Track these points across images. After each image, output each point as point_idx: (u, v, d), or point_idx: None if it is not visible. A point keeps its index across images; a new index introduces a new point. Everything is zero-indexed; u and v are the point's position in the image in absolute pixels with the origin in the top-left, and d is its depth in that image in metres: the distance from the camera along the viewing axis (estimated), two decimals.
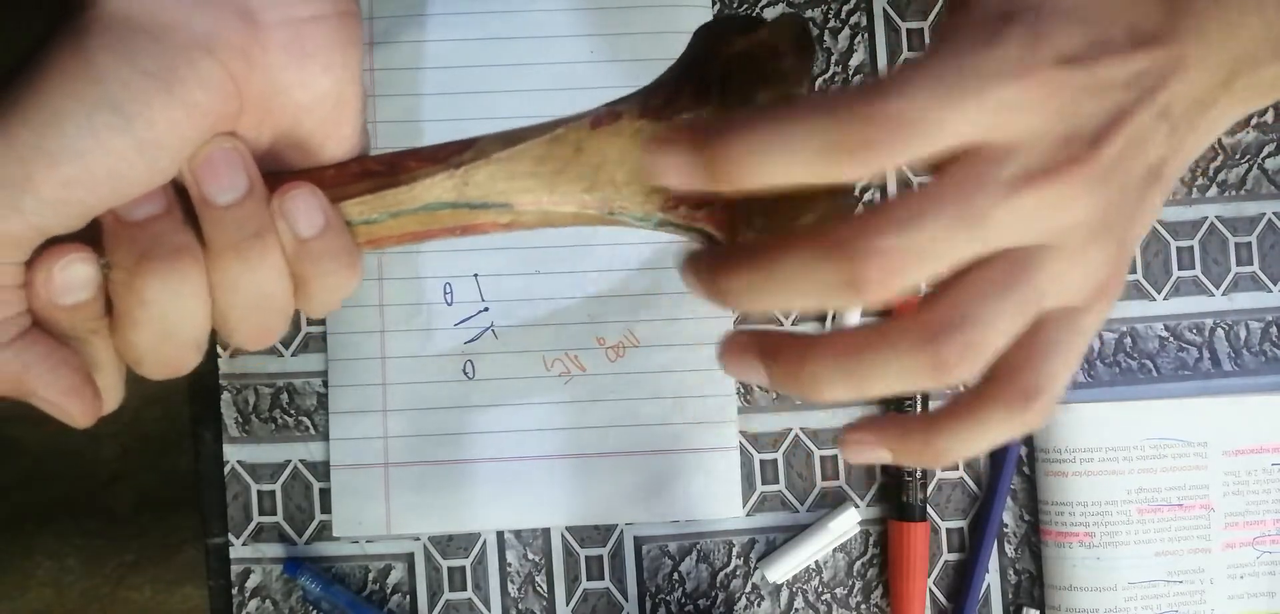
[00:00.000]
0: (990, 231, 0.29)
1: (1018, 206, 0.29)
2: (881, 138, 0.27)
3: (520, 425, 0.53)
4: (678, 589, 0.54)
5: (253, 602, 0.53)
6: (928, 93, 0.28)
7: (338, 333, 0.53)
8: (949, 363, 0.29)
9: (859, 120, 0.27)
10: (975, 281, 0.29)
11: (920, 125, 0.28)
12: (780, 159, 0.28)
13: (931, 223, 0.28)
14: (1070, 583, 0.52)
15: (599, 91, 0.53)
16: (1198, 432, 0.52)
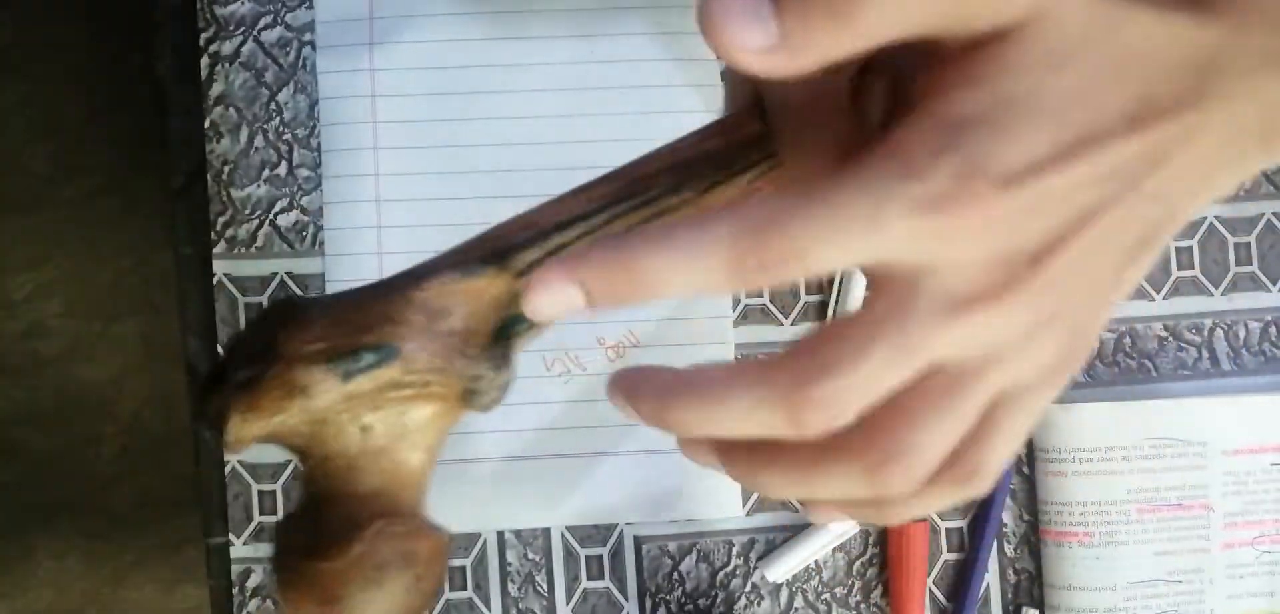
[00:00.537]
0: (925, 357, 0.29)
1: (952, 332, 0.28)
2: (774, 267, 0.28)
3: (520, 425, 0.53)
4: (678, 589, 0.54)
5: (253, 601, 0.53)
6: (824, 229, 0.27)
7: None
8: (890, 485, 0.30)
9: (752, 249, 0.27)
10: (914, 406, 0.29)
11: (814, 260, 0.27)
12: (683, 276, 0.28)
13: (867, 361, 0.28)
14: (1070, 583, 0.52)
15: (599, 91, 0.53)
16: (1197, 431, 0.52)
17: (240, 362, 0.31)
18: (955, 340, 0.28)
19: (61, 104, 1.30)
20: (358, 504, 0.31)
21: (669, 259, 0.28)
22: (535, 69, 0.53)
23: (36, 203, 1.29)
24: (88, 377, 1.28)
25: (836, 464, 0.30)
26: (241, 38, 0.53)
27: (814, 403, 0.28)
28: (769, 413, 0.29)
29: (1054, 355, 0.30)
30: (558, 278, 0.29)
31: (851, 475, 0.30)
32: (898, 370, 0.28)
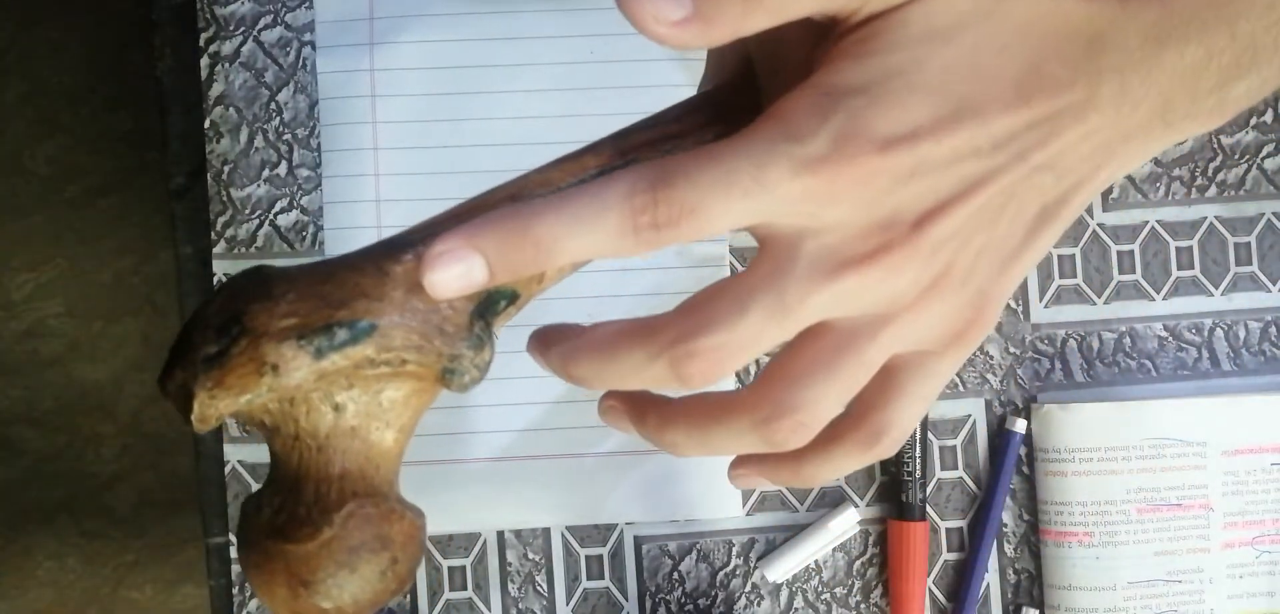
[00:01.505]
0: (805, 316, 0.29)
1: (830, 291, 0.29)
2: (666, 226, 0.29)
3: (520, 425, 0.53)
4: (677, 588, 0.54)
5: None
6: (713, 188, 0.28)
7: None
8: (782, 440, 0.31)
9: (644, 208, 0.29)
10: (802, 361, 0.30)
11: (703, 219, 0.29)
12: (580, 241, 0.29)
13: (745, 318, 0.29)
14: (1069, 582, 0.52)
15: (599, 92, 0.53)
16: (1197, 431, 0.52)
17: (206, 335, 0.29)
18: (834, 299, 0.29)
19: (61, 104, 1.30)
20: (329, 485, 0.30)
21: (566, 223, 0.29)
22: (535, 69, 0.53)
23: (36, 203, 1.29)
24: (88, 377, 1.28)
25: (731, 420, 0.31)
26: (241, 38, 0.53)
27: (694, 356, 0.29)
28: (654, 366, 0.30)
29: (954, 319, 0.31)
30: (457, 246, 0.29)
31: (744, 430, 0.31)
32: (777, 327, 0.29)
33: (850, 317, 0.30)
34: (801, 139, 0.28)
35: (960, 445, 0.54)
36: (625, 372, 0.31)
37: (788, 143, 0.28)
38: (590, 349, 0.32)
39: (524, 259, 0.30)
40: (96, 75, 1.30)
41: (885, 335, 0.30)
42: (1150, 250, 0.55)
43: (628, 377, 0.31)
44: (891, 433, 0.33)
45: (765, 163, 0.28)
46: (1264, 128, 0.55)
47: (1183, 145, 0.54)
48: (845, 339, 0.30)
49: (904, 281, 0.29)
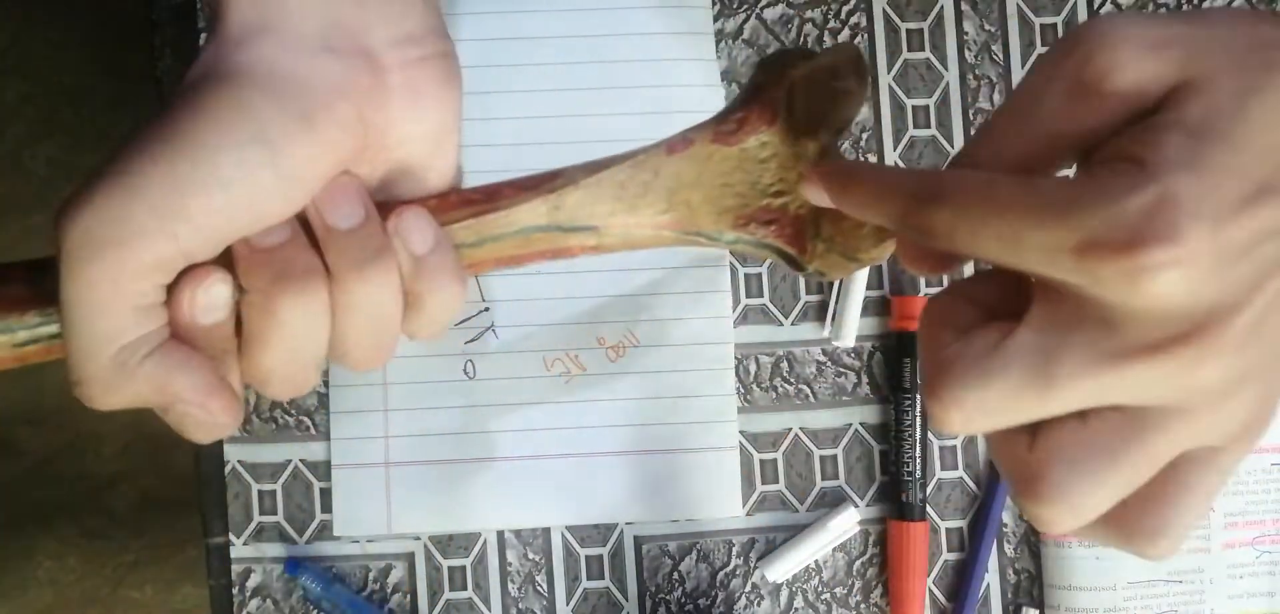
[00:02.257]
0: (1119, 390, 0.27)
1: (1153, 369, 0.27)
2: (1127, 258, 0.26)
3: (520, 425, 0.53)
4: (678, 589, 0.54)
5: (253, 601, 0.53)
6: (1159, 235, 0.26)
7: None
8: (1041, 519, 0.29)
9: (1113, 241, 0.26)
10: (1082, 443, 0.28)
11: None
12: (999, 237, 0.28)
13: (1069, 368, 0.27)
14: (1069, 582, 0.52)
15: (599, 91, 0.53)
16: None
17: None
18: (1142, 382, 0.27)
19: (61, 104, 1.30)
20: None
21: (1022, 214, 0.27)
22: (535, 69, 0.53)
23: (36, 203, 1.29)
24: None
25: (1001, 459, 0.29)
26: None
27: (945, 405, 0.28)
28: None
29: (1246, 415, 0.28)
30: (870, 184, 0.32)
31: (1012, 488, 0.29)
32: (1066, 397, 0.27)
33: (1146, 405, 0.28)
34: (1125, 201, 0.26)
35: (960, 445, 0.54)
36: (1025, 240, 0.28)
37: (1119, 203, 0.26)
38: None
39: (931, 231, 0.29)
40: (96, 75, 1.30)
41: (1180, 431, 0.28)
42: None
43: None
44: (1169, 534, 0.30)
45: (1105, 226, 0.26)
46: None
47: None
48: (1135, 428, 0.28)
49: (1211, 374, 0.27)
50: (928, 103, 0.55)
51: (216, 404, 0.33)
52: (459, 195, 0.36)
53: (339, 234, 0.33)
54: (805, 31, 0.54)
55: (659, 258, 0.53)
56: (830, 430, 0.54)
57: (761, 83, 0.37)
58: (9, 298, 0.33)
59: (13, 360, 0.33)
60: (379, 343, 0.35)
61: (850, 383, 0.54)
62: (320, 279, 0.33)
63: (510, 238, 0.36)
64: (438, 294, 0.35)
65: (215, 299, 0.32)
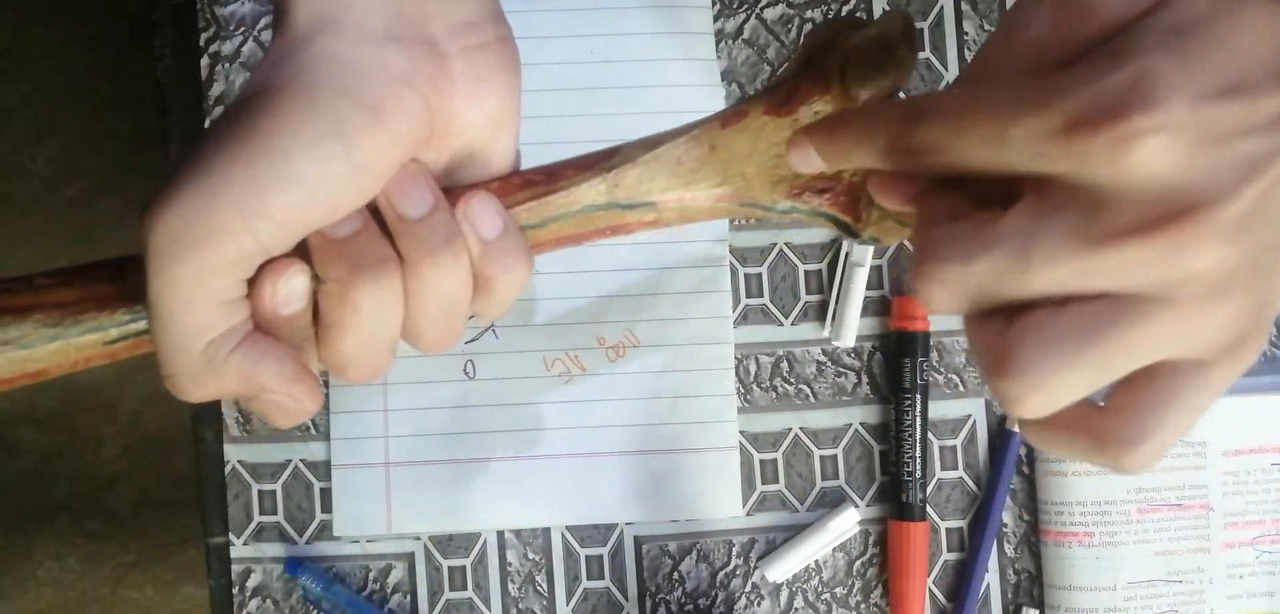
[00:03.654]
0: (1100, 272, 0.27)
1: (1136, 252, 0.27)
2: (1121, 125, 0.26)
3: (520, 425, 0.53)
4: (678, 589, 0.54)
5: (253, 601, 0.53)
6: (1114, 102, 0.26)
7: None
8: (1006, 396, 0.29)
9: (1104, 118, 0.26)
10: (1056, 325, 0.28)
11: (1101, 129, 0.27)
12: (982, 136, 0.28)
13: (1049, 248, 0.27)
14: (1070, 583, 0.52)
15: (599, 91, 0.53)
16: (1197, 431, 0.52)
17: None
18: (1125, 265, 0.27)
19: (61, 104, 1.30)
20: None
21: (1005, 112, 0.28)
22: (535, 69, 0.53)
23: (36, 203, 1.29)
24: (88, 377, 1.28)
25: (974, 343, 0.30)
26: (241, 38, 0.53)
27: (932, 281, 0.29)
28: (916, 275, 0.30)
29: (1238, 322, 0.28)
30: (850, 126, 0.33)
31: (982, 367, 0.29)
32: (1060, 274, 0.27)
33: (1127, 291, 0.27)
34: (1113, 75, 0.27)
35: (960, 445, 0.54)
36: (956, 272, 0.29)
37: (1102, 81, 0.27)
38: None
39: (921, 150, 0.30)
40: (97, 75, 1.30)
41: (1161, 325, 0.27)
42: None
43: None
44: (1150, 443, 0.29)
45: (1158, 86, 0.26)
46: None
47: None
48: (1112, 315, 0.28)
49: (1201, 260, 0.27)
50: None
51: (301, 391, 0.34)
52: (520, 177, 0.37)
53: (410, 222, 0.34)
54: (805, 32, 0.54)
55: (659, 258, 0.53)
56: (830, 430, 0.54)
57: (813, 53, 0.38)
58: (98, 297, 0.34)
59: (103, 357, 0.34)
60: (450, 324, 0.36)
61: (850, 383, 0.54)
62: (394, 266, 0.34)
63: (572, 217, 0.37)
64: (506, 276, 0.36)
65: (295, 290, 0.33)
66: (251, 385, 0.34)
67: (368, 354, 0.35)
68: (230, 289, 0.32)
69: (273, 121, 0.32)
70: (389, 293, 0.34)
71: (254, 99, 0.33)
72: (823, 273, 0.54)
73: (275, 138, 0.32)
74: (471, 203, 0.35)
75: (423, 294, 0.35)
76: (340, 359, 0.35)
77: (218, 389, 0.34)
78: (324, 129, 0.32)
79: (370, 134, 0.33)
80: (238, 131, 0.32)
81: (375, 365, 0.35)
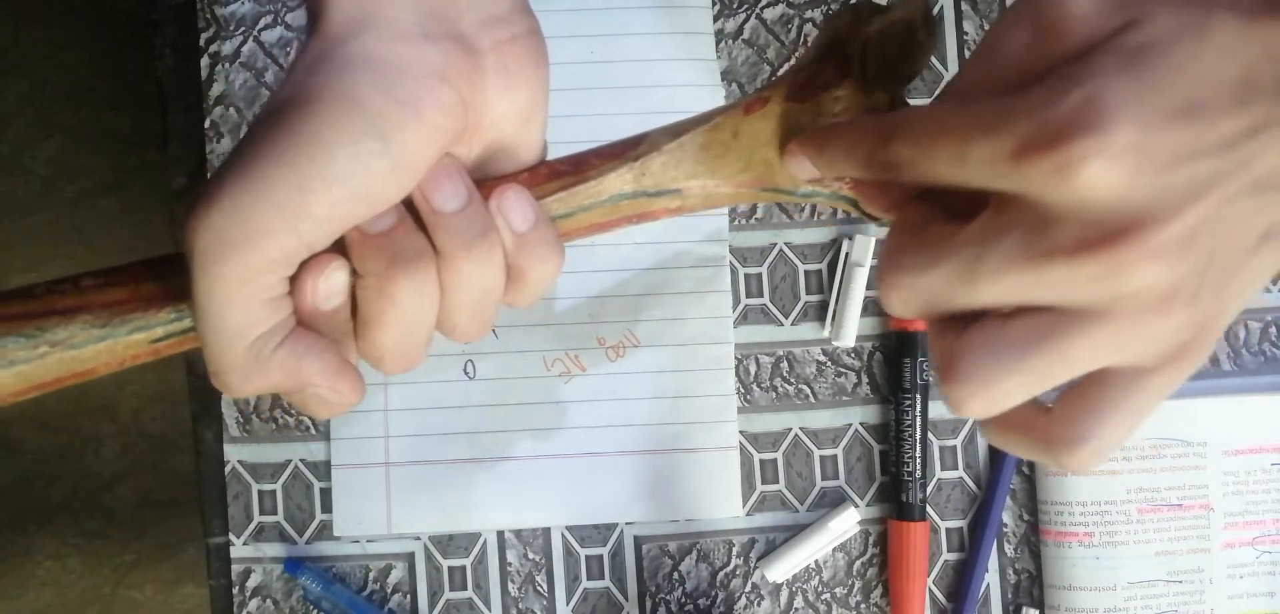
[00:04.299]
0: (1042, 287, 0.29)
1: (1075, 269, 0.28)
2: (1070, 150, 0.28)
3: (520, 425, 0.53)
4: (678, 589, 0.54)
5: (253, 601, 0.53)
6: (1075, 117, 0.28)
7: None
8: (952, 397, 0.31)
9: (1051, 138, 0.28)
10: (1001, 336, 0.30)
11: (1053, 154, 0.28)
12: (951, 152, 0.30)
13: (995, 263, 0.29)
14: (1070, 583, 0.52)
15: (599, 91, 0.53)
16: (1197, 432, 0.52)
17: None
18: (1074, 278, 0.28)
19: (61, 104, 1.30)
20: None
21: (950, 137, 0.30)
22: None
23: (36, 203, 1.29)
24: None
25: (930, 350, 0.32)
26: (241, 38, 0.53)
27: (893, 288, 0.31)
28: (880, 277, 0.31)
29: (1179, 335, 0.29)
30: (834, 140, 0.34)
31: (933, 352, 0.31)
32: (1013, 285, 0.29)
33: (1070, 305, 0.29)
34: (1054, 106, 0.28)
35: (960, 445, 0.54)
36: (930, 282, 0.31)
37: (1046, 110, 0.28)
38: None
39: (895, 165, 0.31)
40: (96, 75, 1.30)
41: (1101, 337, 0.29)
42: None
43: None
44: (1090, 444, 0.31)
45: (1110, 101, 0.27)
46: None
47: None
48: (1054, 327, 0.29)
49: (1144, 277, 0.28)
50: (928, 102, 0.55)
51: (344, 384, 0.35)
52: (549, 168, 0.37)
53: (445, 216, 0.35)
54: (805, 32, 0.54)
55: (659, 258, 0.53)
56: (830, 430, 0.54)
57: (834, 38, 0.38)
58: (144, 296, 0.34)
59: (149, 354, 0.35)
60: (484, 315, 0.36)
61: (850, 383, 0.54)
62: (430, 260, 0.34)
63: (600, 206, 0.37)
64: (539, 266, 0.37)
65: (335, 285, 0.34)
66: (296, 380, 0.34)
67: (405, 346, 0.35)
68: (274, 287, 0.33)
69: (314, 122, 0.33)
70: (425, 285, 0.34)
71: (293, 100, 0.33)
72: (823, 273, 0.54)
73: (317, 138, 0.32)
74: (505, 196, 0.36)
75: (458, 286, 0.35)
76: (378, 351, 0.35)
77: (264, 385, 0.34)
78: (364, 127, 0.33)
79: (409, 130, 0.33)
80: (279, 133, 0.33)
81: (412, 357, 0.36)
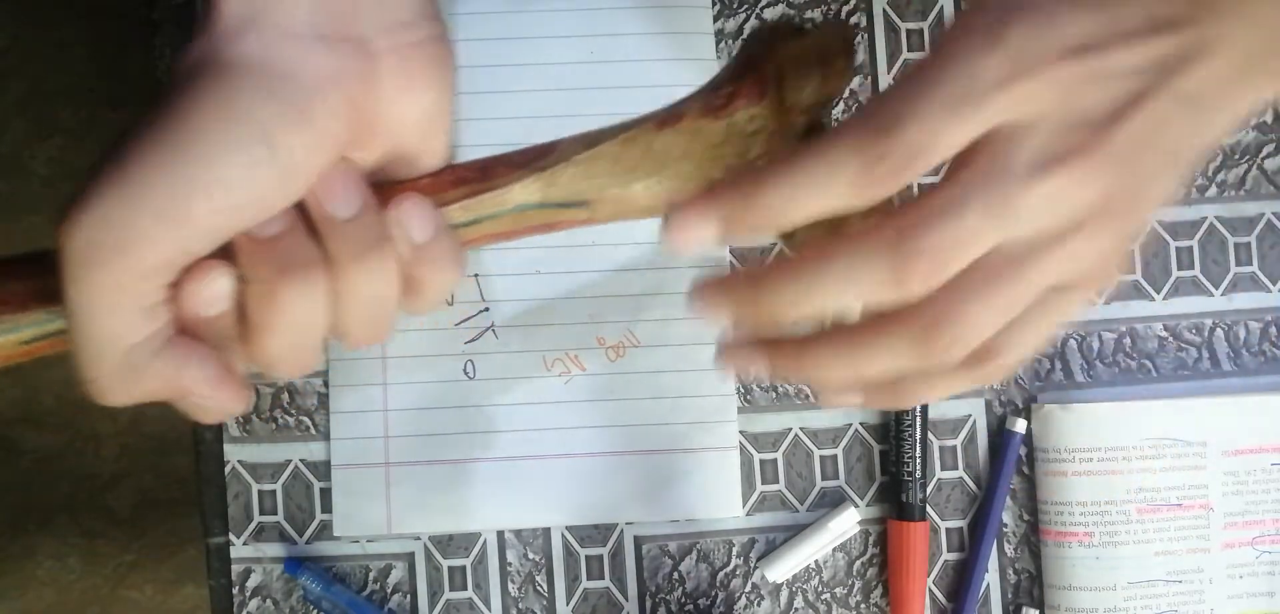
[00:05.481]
0: (1018, 219, 0.31)
1: (1039, 192, 0.31)
2: (902, 165, 0.31)
3: (520, 425, 0.53)
4: (678, 589, 0.54)
5: (253, 601, 0.53)
6: (938, 113, 0.30)
7: None
8: (940, 352, 0.32)
9: (879, 156, 0.30)
10: (970, 280, 0.32)
11: (935, 145, 0.31)
12: (814, 199, 0.32)
13: (967, 218, 0.31)
14: (1070, 583, 0.52)
15: (599, 91, 0.53)
16: (1197, 432, 0.52)
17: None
18: (1040, 202, 0.31)
19: (61, 104, 1.30)
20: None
21: (797, 186, 0.32)
22: (535, 69, 0.53)
23: (36, 203, 1.29)
24: None
25: (887, 335, 0.33)
26: None
27: (921, 253, 0.31)
28: (874, 269, 0.32)
29: (1107, 246, 0.32)
30: (694, 214, 0.34)
31: (900, 345, 0.33)
32: (990, 231, 0.31)
33: (1025, 237, 0.31)
34: (994, 50, 0.30)
35: (960, 445, 0.54)
36: (840, 283, 0.32)
37: (984, 58, 0.30)
38: (797, 270, 0.33)
39: (755, 221, 0.33)
40: (97, 75, 1.30)
41: (1053, 260, 0.31)
42: (1150, 250, 0.54)
43: (841, 285, 0.32)
44: (1005, 356, 0.33)
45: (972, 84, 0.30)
46: (1264, 128, 0.55)
47: None
48: (1015, 261, 0.31)
49: (1090, 191, 0.31)
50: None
51: (225, 393, 0.34)
52: (453, 173, 0.36)
53: (338, 223, 0.34)
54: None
55: (659, 258, 0.53)
56: (830, 430, 0.54)
57: (751, 57, 0.37)
58: (12, 295, 0.33)
59: (22, 355, 0.34)
60: (378, 323, 0.35)
61: None
62: (320, 267, 0.33)
63: (505, 216, 0.36)
64: (436, 277, 0.35)
65: (218, 292, 0.33)
66: (174, 389, 0.33)
67: (294, 352, 0.34)
68: (151, 294, 0.32)
69: (196, 124, 0.31)
70: (315, 293, 0.33)
71: (176, 99, 0.32)
72: None
73: (199, 141, 0.31)
74: (402, 205, 0.34)
75: (350, 295, 0.34)
76: (266, 357, 0.34)
77: (140, 394, 0.33)
78: (250, 133, 0.32)
79: (297, 136, 0.32)
80: (160, 134, 0.31)
81: (303, 363, 0.35)
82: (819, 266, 0.33)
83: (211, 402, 0.34)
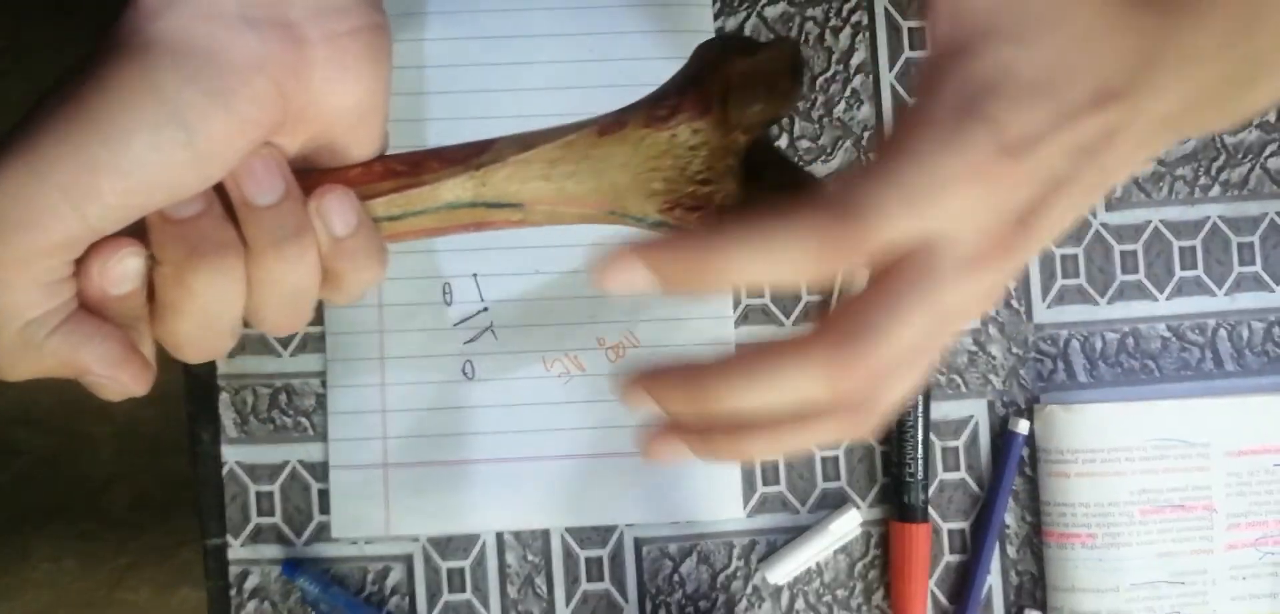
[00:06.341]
0: (944, 314, 0.31)
1: (963, 290, 0.30)
2: (853, 249, 0.29)
3: (520, 425, 0.53)
4: (678, 590, 0.53)
5: (251, 603, 0.52)
6: (898, 206, 0.29)
7: (336, 333, 0.52)
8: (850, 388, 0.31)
9: (834, 239, 0.29)
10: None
11: (891, 236, 0.29)
12: (766, 270, 0.30)
13: (906, 333, 0.30)
14: (1072, 584, 0.52)
15: (598, 91, 0.53)
16: (1200, 432, 0.52)
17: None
18: (961, 296, 0.30)
19: None
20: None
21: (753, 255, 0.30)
22: (534, 68, 0.53)
23: None
24: None
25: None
26: None
27: (859, 363, 0.30)
28: (810, 381, 0.30)
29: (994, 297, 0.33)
30: (641, 261, 0.31)
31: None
32: (937, 330, 0.31)
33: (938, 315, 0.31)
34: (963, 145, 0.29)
35: (962, 446, 0.54)
36: (778, 386, 0.31)
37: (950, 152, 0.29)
38: (731, 376, 0.31)
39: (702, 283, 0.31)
40: None
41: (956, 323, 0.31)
42: (1153, 250, 0.54)
43: (779, 391, 0.31)
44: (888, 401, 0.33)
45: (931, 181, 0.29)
46: (1267, 127, 0.55)
47: (1185, 144, 0.54)
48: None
49: (1007, 271, 0.31)
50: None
51: (125, 374, 0.33)
52: (384, 166, 0.36)
53: (257, 210, 0.33)
54: (807, 30, 0.54)
55: None
56: None
57: (698, 71, 0.37)
58: None
59: None
60: (294, 312, 0.35)
61: None
62: (236, 253, 0.33)
63: (434, 212, 0.36)
64: (357, 273, 0.35)
65: (125, 271, 0.32)
66: (72, 367, 0.33)
67: (204, 335, 0.34)
68: (54, 270, 0.31)
69: (111, 102, 0.31)
70: (228, 278, 0.33)
71: (91, 74, 0.31)
72: None
73: (112, 120, 0.30)
74: (325, 197, 0.34)
75: (266, 282, 0.33)
76: (174, 339, 0.33)
77: (36, 370, 0.32)
78: (165, 114, 0.31)
79: (216, 121, 0.31)
80: (71, 109, 0.31)
81: (213, 347, 0.34)
82: (757, 369, 0.31)
83: (109, 381, 0.33)
